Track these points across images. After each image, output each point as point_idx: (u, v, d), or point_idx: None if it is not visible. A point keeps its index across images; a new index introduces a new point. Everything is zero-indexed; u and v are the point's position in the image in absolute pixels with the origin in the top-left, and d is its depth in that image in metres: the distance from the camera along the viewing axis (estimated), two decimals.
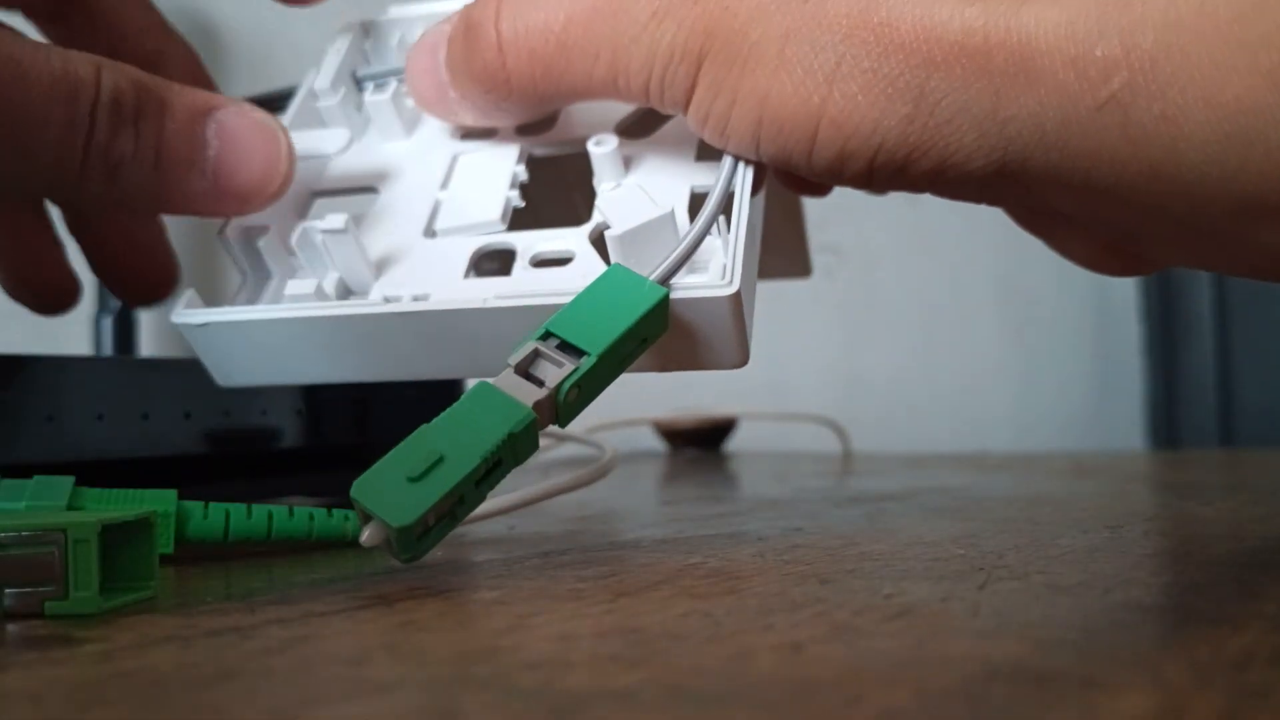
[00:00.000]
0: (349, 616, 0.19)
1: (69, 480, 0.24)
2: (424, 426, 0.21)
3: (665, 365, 0.25)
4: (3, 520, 0.19)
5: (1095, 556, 0.23)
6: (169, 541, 0.25)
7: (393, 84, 0.31)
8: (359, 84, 0.31)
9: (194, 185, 0.26)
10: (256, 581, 0.23)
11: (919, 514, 0.32)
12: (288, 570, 0.24)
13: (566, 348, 0.22)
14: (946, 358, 1.15)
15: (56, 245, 0.33)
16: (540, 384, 0.22)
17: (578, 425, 0.50)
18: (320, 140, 0.30)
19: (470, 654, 0.16)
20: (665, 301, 0.23)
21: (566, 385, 0.22)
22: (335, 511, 0.27)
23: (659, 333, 0.24)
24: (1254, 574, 0.21)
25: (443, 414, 0.22)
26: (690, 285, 0.23)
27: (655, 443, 0.82)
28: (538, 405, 0.22)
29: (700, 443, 0.81)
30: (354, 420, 0.38)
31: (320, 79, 0.31)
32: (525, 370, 0.22)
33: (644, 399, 0.76)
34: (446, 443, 0.21)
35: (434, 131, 0.31)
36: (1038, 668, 0.14)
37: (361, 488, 0.21)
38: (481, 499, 0.22)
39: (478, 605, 0.20)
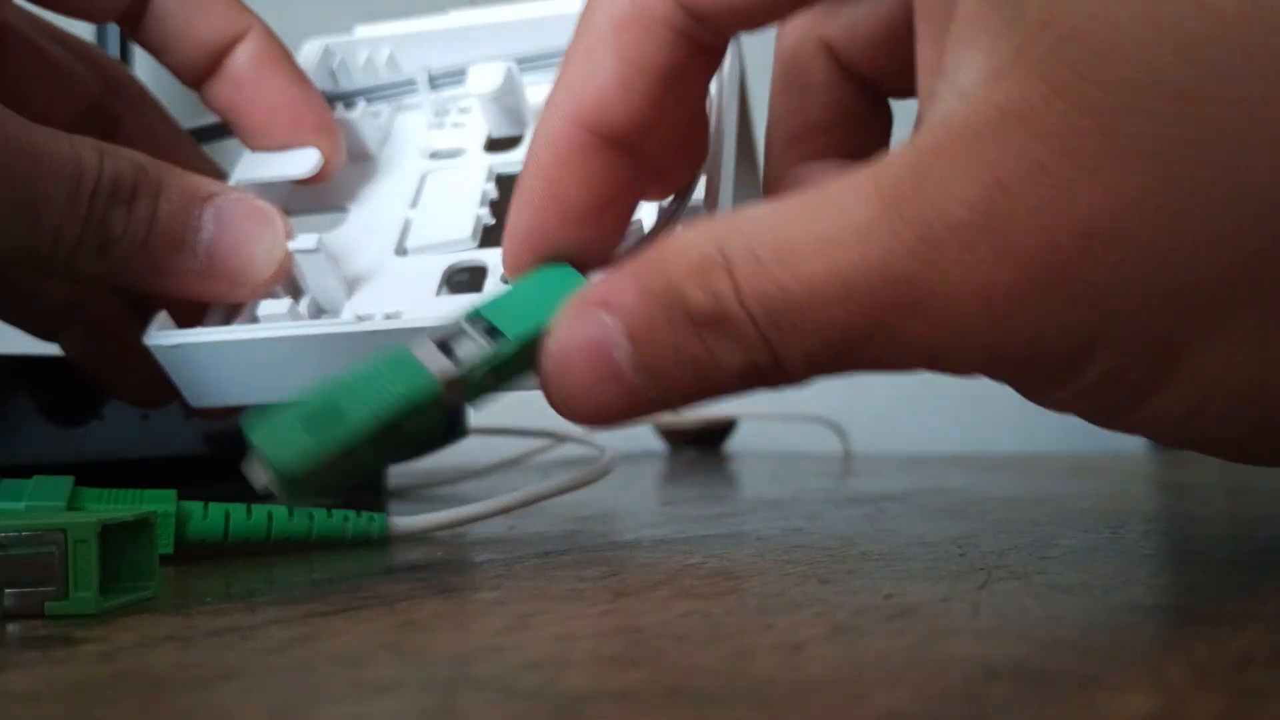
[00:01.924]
0: (349, 616, 0.19)
1: (68, 480, 0.24)
2: (331, 376, 0.21)
3: None
4: (2, 520, 0.19)
5: (1095, 557, 0.23)
6: (169, 541, 0.25)
7: (360, 103, 0.31)
8: (329, 103, 0.31)
9: (185, 265, 0.26)
10: (256, 581, 0.23)
11: (919, 514, 0.32)
12: (288, 570, 0.25)
13: (492, 332, 0.22)
14: None
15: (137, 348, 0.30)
16: (457, 361, 0.22)
17: (578, 425, 0.50)
18: (289, 161, 0.30)
19: (470, 654, 0.16)
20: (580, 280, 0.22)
21: (481, 366, 0.21)
22: (335, 512, 0.27)
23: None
24: (1254, 575, 0.21)
25: (352, 369, 0.21)
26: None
27: (655, 443, 0.82)
28: (449, 382, 0.21)
29: (700, 443, 0.81)
30: None
31: None
32: (445, 345, 0.22)
33: None
34: (348, 397, 0.21)
35: (401, 150, 0.31)
36: (1038, 668, 0.14)
37: (253, 422, 0.20)
38: (380, 465, 0.22)
39: (478, 605, 0.20)
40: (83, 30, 0.34)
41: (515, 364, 0.22)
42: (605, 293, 0.20)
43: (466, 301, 0.25)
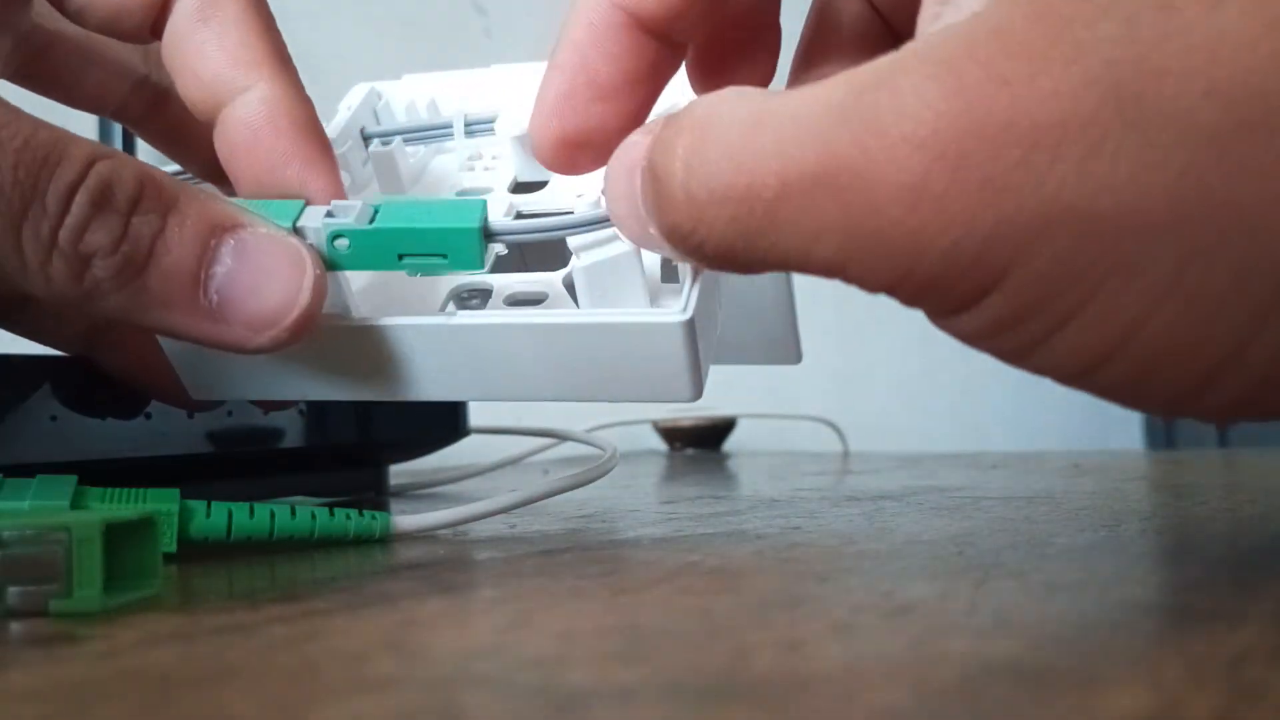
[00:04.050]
0: (351, 614, 0.19)
1: (72, 479, 0.24)
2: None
3: (617, 394, 0.24)
4: (7, 519, 0.19)
5: (1092, 555, 0.23)
6: (172, 540, 0.25)
7: (396, 140, 0.32)
8: (365, 140, 0.32)
9: (193, 302, 0.23)
10: (259, 580, 0.23)
11: (917, 513, 0.32)
12: (290, 568, 0.25)
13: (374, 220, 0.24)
14: (946, 357, 1.15)
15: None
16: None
17: (578, 425, 0.50)
18: None
19: (471, 652, 0.16)
20: (475, 234, 0.24)
21: (333, 229, 0.24)
22: (337, 511, 0.27)
23: (468, 265, 0.24)
24: (1251, 573, 0.21)
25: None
26: (644, 311, 0.23)
27: (655, 442, 0.82)
28: (307, 233, 0.24)
29: (700, 442, 0.81)
30: (355, 420, 0.38)
31: (329, 130, 0.31)
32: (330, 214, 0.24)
33: None
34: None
35: (431, 187, 0.32)
36: (1035, 666, 0.14)
37: None
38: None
39: (479, 603, 0.21)
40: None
41: (372, 247, 0.24)
42: (653, 123, 0.21)
43: (467, 315, 0.25)
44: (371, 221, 0.24)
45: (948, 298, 0.18)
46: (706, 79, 0.25)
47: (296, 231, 0.24)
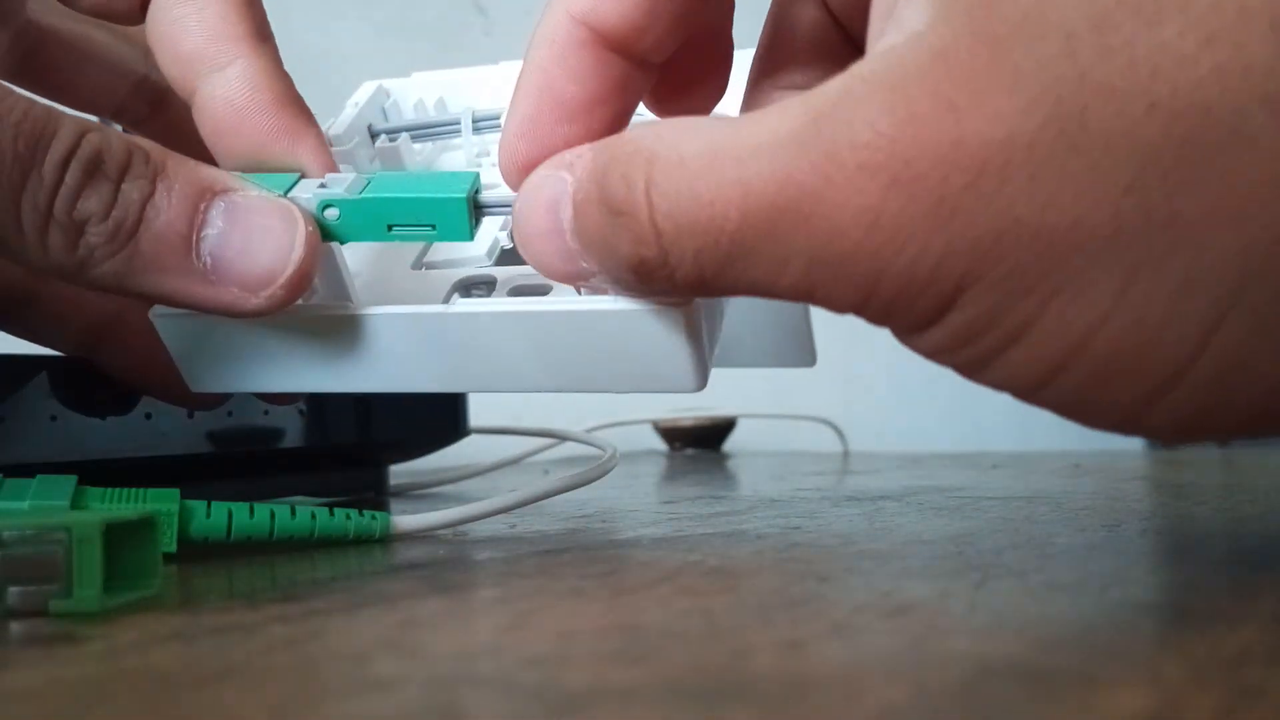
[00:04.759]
0: (351, 614, 0.19)
1: (72, 479, 0.24)
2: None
3: (619, 384, 0.24)
4: (7, 519, 0.19)
5: (1093, 555, 0.23)
6: (172, 540, 0.25)
7: (402, 136, 0.32)
8: (373, 136, 0.32)
9: (185, 265, 0.23)
10: (259, 580, 0.23)
11: (917, 513, 0.32)
12: (290, 568, 0.25)
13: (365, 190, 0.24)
14: None
15: None
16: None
17: (578, 425, 0.50)
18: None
19: (471, 651, 0.16)
20: (462, 203, 0.24)
21: (323, 200, 0.24)
22: (337, 511, 0.27)
23: (457, 235, 0.24)
24: (1251, 573, 0.21)
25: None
26: (648, 299, 0.23)
27: (655, 442, 0.82)
28: (299, 202, 0.24)
29: (700, 442, 0.81)
30: (356, 420, 0.38)
31: (336, 126, 0.32)
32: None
33: (644, 399, 0.76)
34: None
35: None
36: (1035, 666, 0.14)
37: None
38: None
39: (479, 603, 0.21)
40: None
41: (363, 216, 0.24)
42: (573, 156, 0.22)
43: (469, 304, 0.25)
44: (362, 192, 0.24)
45: (909, 315, 0.19)
46: (663, 96, 0.25)
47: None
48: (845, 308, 0.19)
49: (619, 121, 0.23)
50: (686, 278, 0.20)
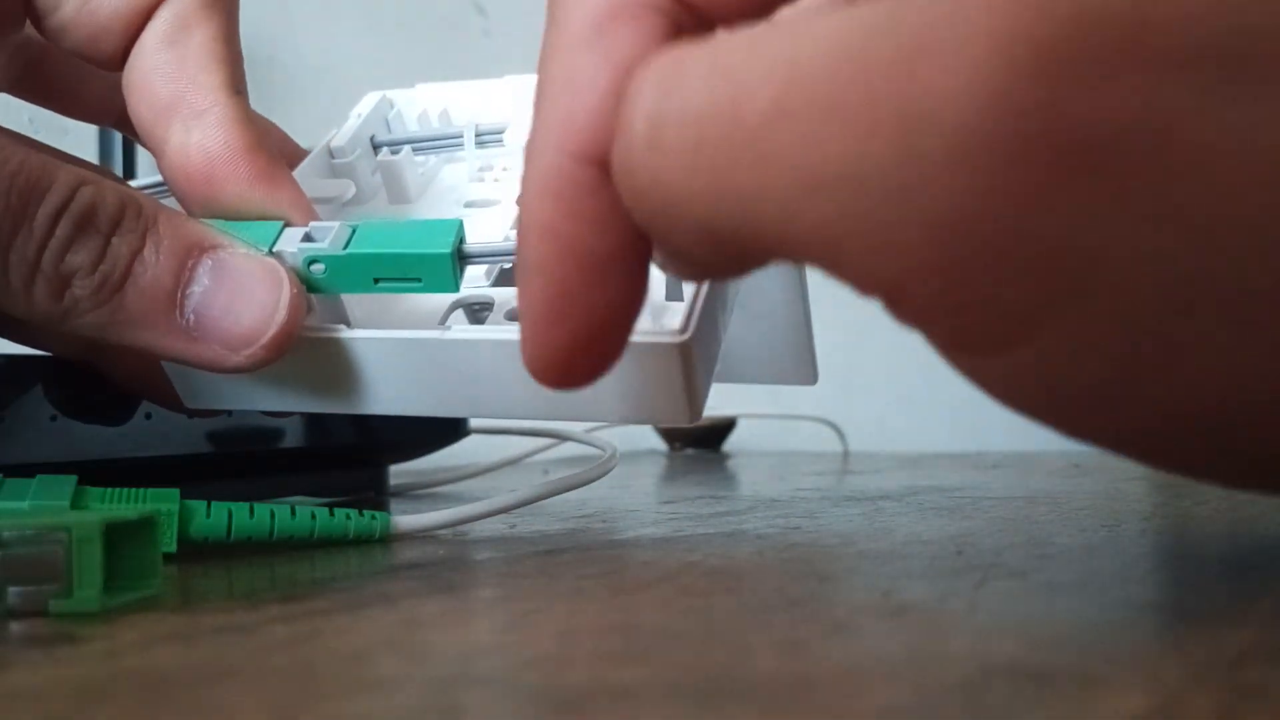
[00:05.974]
0: (351, 614, 0.19)
1: (72, 479, 0.24)
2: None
3: (612, 415, 0.24)
4: (7, 519, 0.19)
5: (1092, 555, 0.23)
6: (172, 540, 0.25)
7: (404, 149, 0.32)
8: (375, 148, 0.32)
9: (169, 321, 0.24)
10: (259, 580, 0.23)
11: (917, 513, 0.32)
12: (290, 568, 0.25)
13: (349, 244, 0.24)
14: None
15: None
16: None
17: (578, 425, 0.50)
18: (326, 188, 0.30)
19: (471, 651, 0.16)
20: (447, 259, 0.24)
21: (310, 256, 0.24)
22: (337, 511, 0.27)
23: (442, 288, 0.24)
24: (1250, 573, 0.21)
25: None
26: (643, 330, 0.22)
27: (655, 442, 0.82)
28: (284, 257, 0.24)
29: (700, 442, 0.81)
30: (356, 420, 0.38)
31: (339, 137, 0.31)
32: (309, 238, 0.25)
33: None
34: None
35: (439, 198, 0.32)
36: (1035, 666, 0.14)
37: None
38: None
39: (479, 603, 0.21)
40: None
41: (346, 271, 0.24)
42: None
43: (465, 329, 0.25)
44: (347, 245, 0.24)
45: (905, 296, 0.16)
46: None
47: (274, 256, 0.24)
48: (883, 272, 0.15)
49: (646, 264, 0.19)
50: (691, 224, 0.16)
